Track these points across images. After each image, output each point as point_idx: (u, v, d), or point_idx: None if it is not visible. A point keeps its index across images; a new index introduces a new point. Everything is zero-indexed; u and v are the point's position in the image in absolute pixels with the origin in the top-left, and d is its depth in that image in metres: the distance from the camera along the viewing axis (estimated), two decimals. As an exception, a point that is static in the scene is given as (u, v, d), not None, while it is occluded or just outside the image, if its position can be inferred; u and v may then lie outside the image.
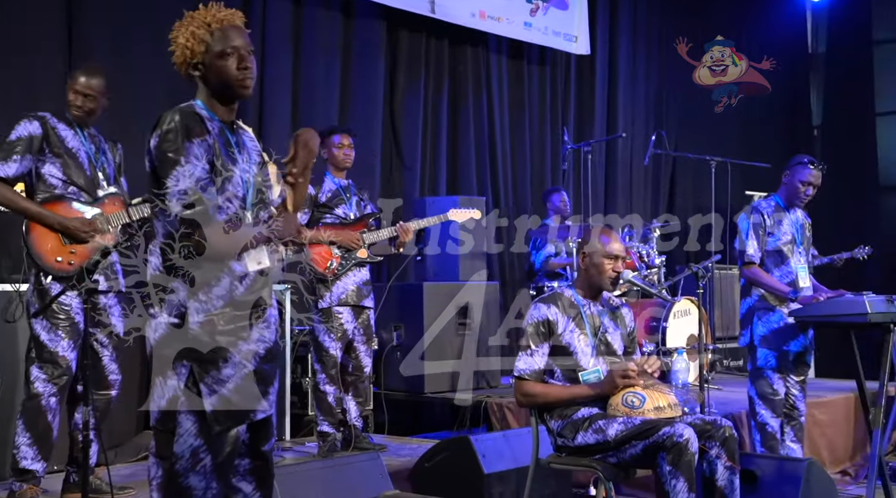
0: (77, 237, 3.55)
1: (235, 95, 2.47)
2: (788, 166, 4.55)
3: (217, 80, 2.43)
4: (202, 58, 2.41)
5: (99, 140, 3.78)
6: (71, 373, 3.57)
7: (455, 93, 7.17)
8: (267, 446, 2.49)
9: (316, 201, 4.58)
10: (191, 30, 2.41)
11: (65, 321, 3.52)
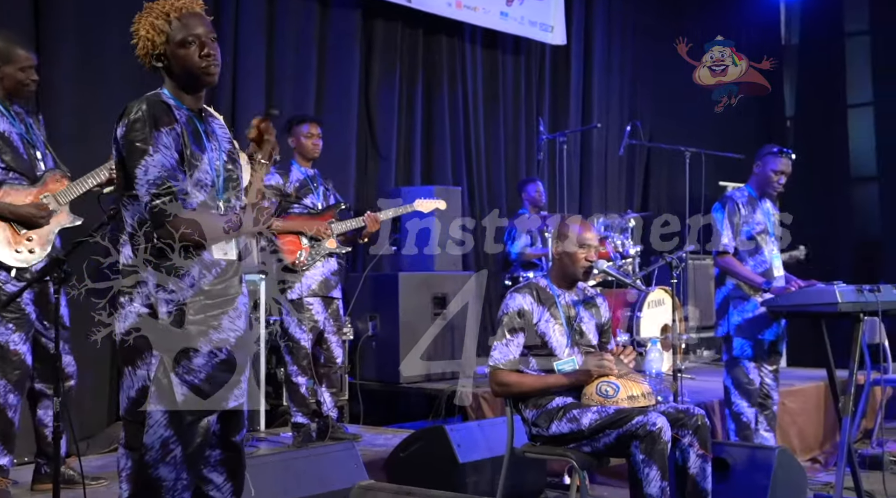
0: (32, 223, 3.46)
1: (200, 83, 2.44)
2: (759, 156, 4.58)
3: (180, 69, 2.39)
4: (164, 48, 2.38)
5: (24, 117, 3.64)
6: (25, 367, 3.47)
7: (430, 83, 7.15)
8: (238, 437, 2.47)
9: (283, 191, 4.56)
10: (150, 20, 2.37)
11: (15, 314, 3.43)
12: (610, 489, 4.41)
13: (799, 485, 3.78)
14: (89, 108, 4.85)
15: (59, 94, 4.77)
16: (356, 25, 6.55)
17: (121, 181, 2.37)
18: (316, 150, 4.65)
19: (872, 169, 9.53)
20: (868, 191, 9.66)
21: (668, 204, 9.07)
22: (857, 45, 9.66)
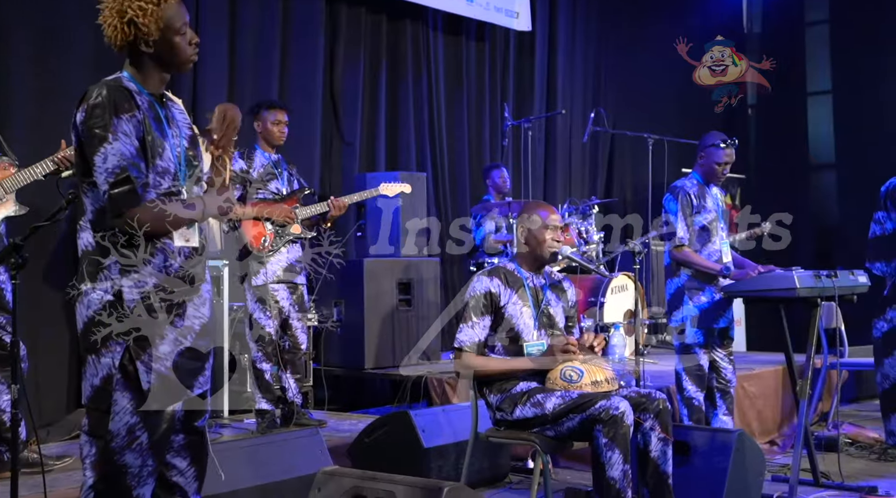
0: None
1: (179, 71, 2.44)
2: (702, 147, 4.64)
3: (169, 56, 2.37)
4: (158, 34, 2.34)
5: None
6: None
7: (394, 68, 7.13)
8: (201, 422, 2.46)
9: (248, 177, 4.53)
10: (139, 5, 2.31)
11: None
12: (573, 473, 4.46)
13: (757, 467, 3.85)
14: (47, 93, 4.76)
15: (14, 79, 4.67)
16: (320, 10, 6.50)
17: (80, 167, 2.33)
18: (282, 137, 4.64)
19: (831, 156, 9.68)
20: (826, 177, 9.81)
21: (631, 190, 9.15)
22: (817, 34, 9.79)
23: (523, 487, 4.24)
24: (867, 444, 5.11)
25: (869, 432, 5.24)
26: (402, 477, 2.94)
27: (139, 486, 2.29)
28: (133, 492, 2.28)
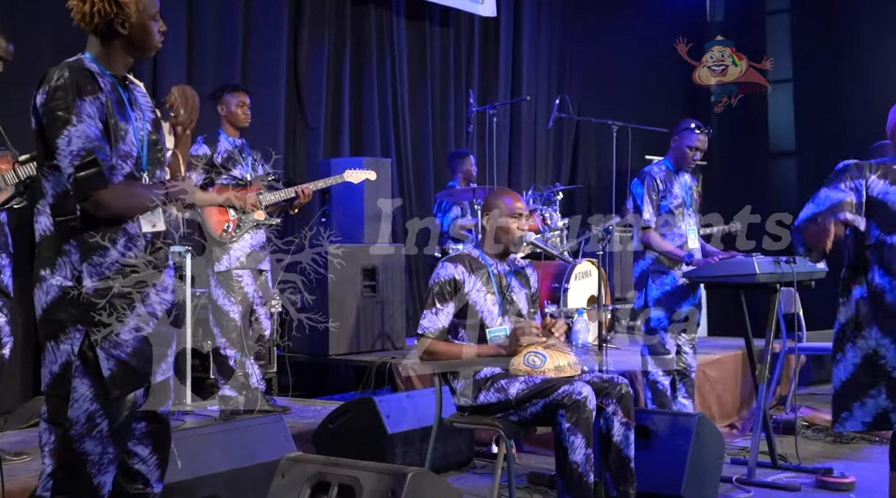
0: None
1: (144, 57, 2.43)
2: (676, 132, 4.68)
3: (142, 40, 2.36)
4: (136, 17, 2.33)
5: None
6: None
7: (358, 54, 7.08)
8: (163, 409, 2.44)
9: (212, 162, 4.49)
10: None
11: None
12: (537, 457, 4.50)
13: (717, 450, 3.91)
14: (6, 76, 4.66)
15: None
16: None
17: (40, 150, 2.29)
18: (247, 120, 4.62)
19: (791, 144, 9.81)
20: (786, 165, 9.95)
21: (595, 177, 9.21)
22: (777, 23, 9.90)
23: (487, 471, 4.27)
24: (823, 426, 5.22)
25: (825, 415, 5.34)
26: (366, 463, 2.95)
27: (99, 474, 2.27)
28: (93, 480, 2.26)
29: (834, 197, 3.06)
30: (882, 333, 3.01)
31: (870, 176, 3.06)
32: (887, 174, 3.07)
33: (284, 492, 2.90)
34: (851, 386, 3.06)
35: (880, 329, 3.01)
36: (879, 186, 3.05)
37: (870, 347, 3.02)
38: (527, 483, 4.03)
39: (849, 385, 3.06)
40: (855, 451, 4.83)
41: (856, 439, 5.00)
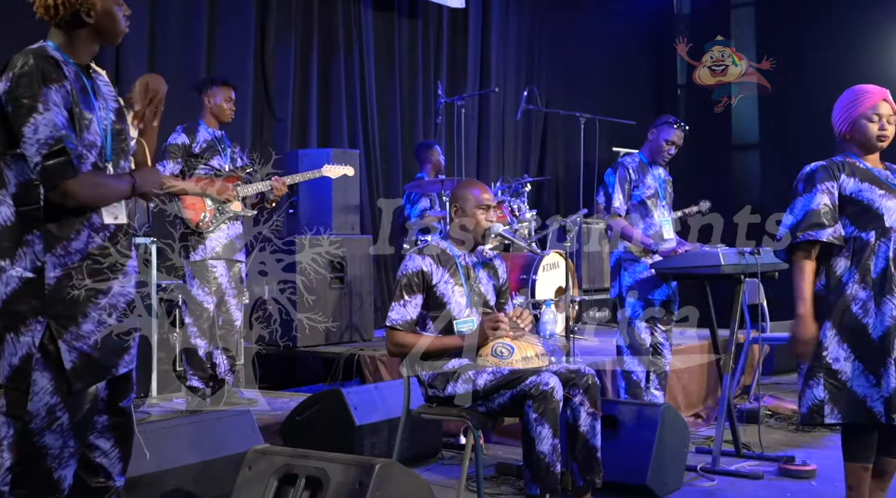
0: None
1: (110, 43, 2.41)
2: (655, 125, 4.74)
3: (108, 27, 2.34)
4: (101, 4, 2.31)
5: None
6: None
7: (326, 44, 7.04)
8: (126, 402, 2.42)
9: (189, 151, 4.50)
10: None
11: None
12: (504, 448, 4.52)
13: (682, 439, 3.96)
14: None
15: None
16: (251, -17, 6.38)
17: (2, 138, 2.25)
18: (231, 115, 4.66)
19: (755, 136, 9.92)
20: (749, 157, 10.07)
21: (563, 169, 9.24)
22: (742, 15, 10.00)
23: (455, 462, 4.28)
24: (786, 415, 5.29)
25: (788, 404, 5.43)
26: (333, 454, 2.94)
27: (60, 467, 2.25)
28: (53, 474, 2.24)
29: (811, 205, 3.08)
30: (830, 326, 3.04)
31: (840, 176, 3.10)
32: (854, 172, 3.11)
33: (251, 484, 2.89)
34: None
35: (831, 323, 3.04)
36: (850, 185, 3.09)
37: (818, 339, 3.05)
38: (495, 474, 4.05)
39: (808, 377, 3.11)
40: (816, 439, 4.91)
41: (817, 428, 5.08)
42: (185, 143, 4.48)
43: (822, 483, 4.02)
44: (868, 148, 3.15)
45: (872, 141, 3.13)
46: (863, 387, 3.00)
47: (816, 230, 3.05)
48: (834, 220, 3.07)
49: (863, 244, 3.05)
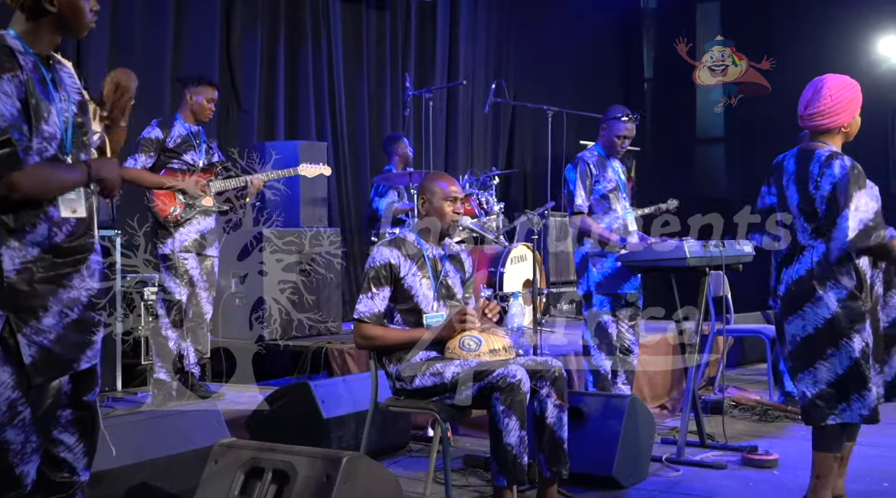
0: None
1: (76, 36, 2.37)
2: (605, 120, 4.75)
3: (72, 18, 2.29)
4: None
5: None
6: None
7: (293, 36, 6.99)
8: (90, 396, 2.39)
9: (163, 146, 4.53)
10: None
11: None
12: (472, 440, 4.54)
13: (648, 430, 4.00)
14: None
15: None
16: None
17: None
18: (210, 115, 4.70)
19: (720, 130, 10.03)
20: (714, 151, 10.18)
21: (531, 162, 9.28)
22: (707, 10, 10.10)
23: (423, 455, 4.28)
24: (749, 406, 5.37)
25: (751, 395, 5.51)
26: (300, 448, 2.94)
27: (22, 463, 2.21)
28: (15, 470, 2.21)
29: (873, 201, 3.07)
30: (870, 325, 3.10)
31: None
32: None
33: (217, 478, 2.87)
34: (852, 380, 3.07)
35: (869, 321, 3.10)
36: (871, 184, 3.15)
37: (864, 340, 3.09)
38: (462, 466, 4.06)
39: (848, 379, 3.08)
40: (779, 429, 4.98)
41: (779, 418, 5.16)
42: (159, 137, 4.50)
43: (784, 472, 4.08)
44: (849, 140, 3.22)
45: (855, 133, 3.21)
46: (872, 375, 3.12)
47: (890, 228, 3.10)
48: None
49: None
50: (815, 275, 3.13)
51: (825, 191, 3.12)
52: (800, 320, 3.15)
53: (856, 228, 3.03)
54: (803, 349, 3.15)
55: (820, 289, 3.10)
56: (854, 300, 3.08)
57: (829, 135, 3.22)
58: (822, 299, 3.10)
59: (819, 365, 3.11)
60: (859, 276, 3.09)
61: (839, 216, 3.06)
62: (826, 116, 3.20)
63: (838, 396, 3.09)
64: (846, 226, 3.04)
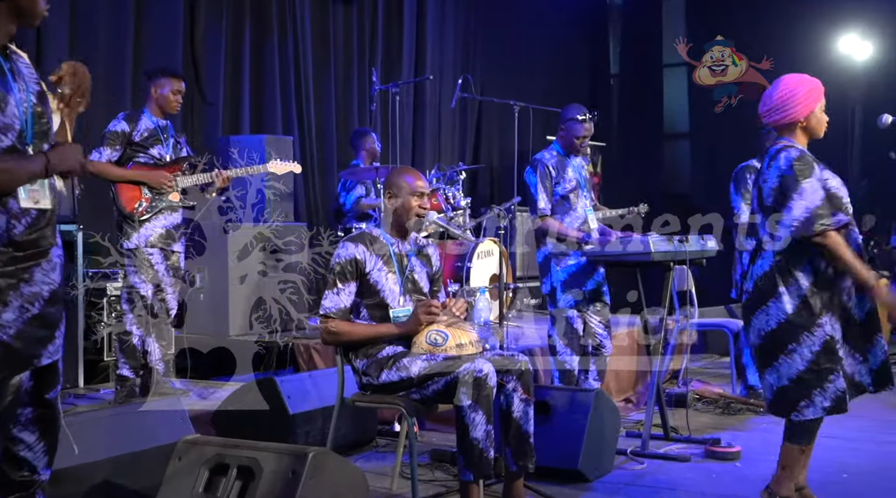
0: None
1: (29, 25, 2.33)
2: (563, 120, 4.78)
3: (28, 5, 2.27)
4: None
5: None
6: None
7: (258, 29, 6.93)
8: (52, 394, 2.35)
9: (129, 139, 4.48)
10: None
11: None
12: (439, 435, 4.54)
13: (613, 424, 4.04)
14: None
15: None
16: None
17: None
18: (178, 107, 4.64)
19: (685, 126, 10.13)
20: (680, 146, 10.28)
21: (498, 157, 9.30)
22: (672, 7, 10.19)
23: (389, 450, 4.28)
24: (713, 399, 5.43)
25: (714, 388, 5.57)
26: (266, 443, 2.92)
27: (-19, 461, 2.18)
28: (-25, 468, 2.18)
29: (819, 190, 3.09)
30: (835, 318, 3.14)
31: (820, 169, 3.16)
32: (815, 161, 3.19)
33: (181, 475, 2.85)
34: (811, 374, 3.10)
35: (833, 315, 3.13)
36: (827, 175, 3.16)
37: (826, 334, 3.11)
38: (429, 460, 4.07)
39: (808, 374, 3.10)
40: (741, 422, 5.05)
41: (742, 411, 5.23)
42: (125, 130, 4.46)
43: (745, 464, 4.14)
44: (814, 136, 3.27)
45: (821, 130, 3.25)
46: (851, 365, 3.16)
47: (837, 214, 3.09)
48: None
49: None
50: (776, 270, 3.17)
51: (773, 183, 3.18)
52: (764, 315, 3.19)
53: (800, 217, 3.08)
54: (768, 344, 3.19)
55: (782, 285, 3.14)
56: (813, 296, 3.12)
57: (790, 131, 3.26)
58: (783, 295, 3.14)
59: (782, 360, 3.15)
60: (815, 270, 3.13)
61: (784, 207, 3.11)
62: (779, 111, 3.25)
63: (799, 392, 3.12)
64: (791, 215, 3.09)
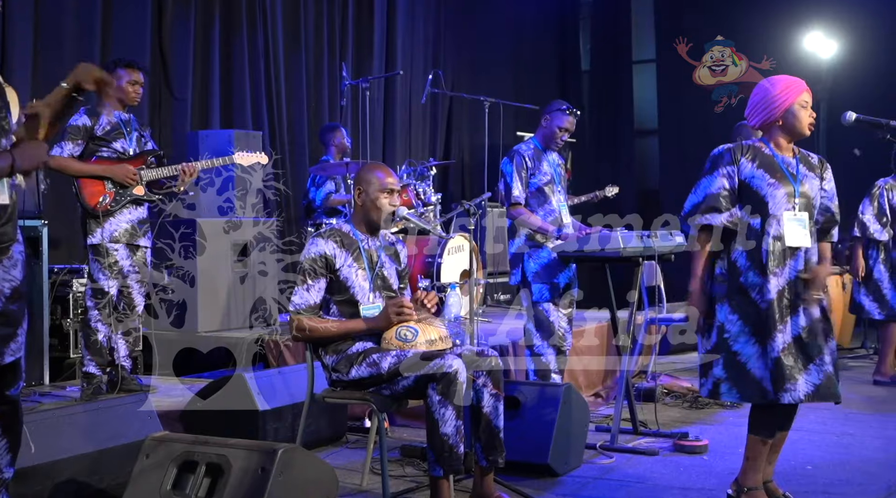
0: None
1: None
2: (547, 111, 4.79)
3: None
4: None
5: None
6: None
7: (228, 22, 6.87)
8: (14, 391, 2.33)
9: (92, 133, 4.42)
10: None
11: None
12: (409, 430, 4.55)
13: (582, 418, 4.06)
14: None
15: None
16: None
17: None
18: (137, 98, 4.57)
19: (654, 123, 10.20)
20: (649, 143, 10.35)
21: (469, 153, 9.31)
22: (642, 4, 10.25)
23: (360, 445, 4.28)
24: (681, 393, 5.48)
25: (683, 383, 5.62)
26: (235, 440, 2.91)
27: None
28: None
29: (711, 188, 3.23)
30: (731, 309, 3.20)
31: (741, 159, 3.24)
32: (756, 156, 3.25)
33: (149, 473, 2.83)
34: (710, 359, 3.25)
35: (730, 306, 3.20)
36: (747, 170, 3.23)
37: (719, 321, 3.22)
38: (399, 456, 4.07)
39: (707, 356, 3.25)
40: (709, 415, 5.10)
41: (710, 405, 5.28)
42: (87, 124, 4.40)
43: (713, 457, 4.18)
44: (796, 134, 3.30)
45: (804, 127, 3.28)
46: (760, 369, 3.17)
47: (712, 214, 3.22)
48: (731, 204, 3.22)
49: (753, 230, 3.21)
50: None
51: None
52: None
53: (685, 210, 3.27)
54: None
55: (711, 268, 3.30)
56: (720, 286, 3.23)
57: (768, 131, 3.32)
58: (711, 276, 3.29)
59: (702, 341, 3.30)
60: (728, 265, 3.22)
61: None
62: (757, 113, 3.33)
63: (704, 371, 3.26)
64: (684, 208, 3.29)
